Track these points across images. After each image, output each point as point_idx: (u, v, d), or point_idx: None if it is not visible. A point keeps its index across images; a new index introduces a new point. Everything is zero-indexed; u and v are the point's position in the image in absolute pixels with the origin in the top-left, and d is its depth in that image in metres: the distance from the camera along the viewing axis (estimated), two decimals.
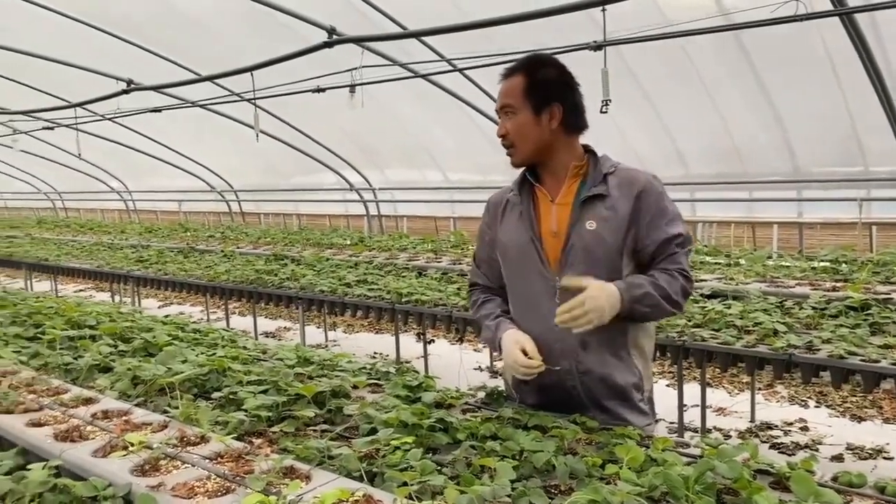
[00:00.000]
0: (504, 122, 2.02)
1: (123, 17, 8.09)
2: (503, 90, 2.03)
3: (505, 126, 2.02)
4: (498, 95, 2.06)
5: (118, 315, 3.64)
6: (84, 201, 18.59)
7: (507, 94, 2.01)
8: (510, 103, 2.00)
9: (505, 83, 2.03)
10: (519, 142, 2.02)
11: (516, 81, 2.01)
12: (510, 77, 2.03)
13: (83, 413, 2.07)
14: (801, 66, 6.14)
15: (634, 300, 1.91)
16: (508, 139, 2.03)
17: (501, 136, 2.04)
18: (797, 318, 3.67)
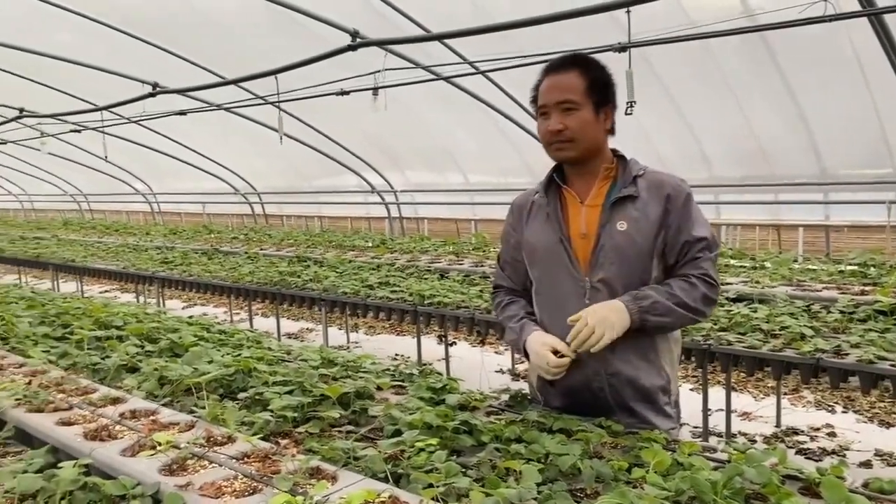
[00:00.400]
0: (561, 118, 1.97)
1: (149, 21, 8.18)
2: (558, 85, 1.98)
3: (563, 121, 1.97)
4: (547, 89, 2.00)
5: (144, 316, 3.68)
6: (109, 203, 18.84)
7: (567, 89, 1.97)
8: (572, 99, 1.96)
9: (557, 78, 1.99)
10: (579, 138, 1.98)
11: (573, 78, 1.97)
12: (562, 73, 1.99)
13: (111, 412, 2.09)
14: (828, 66, 6.07)
15: (644, 310, 1.90)
16: (566, 134, 1.97)
17: (557, 131, 1.98)
18: (824, 323, 3.63)
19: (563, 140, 1.99)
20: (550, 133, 1.99)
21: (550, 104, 1.99)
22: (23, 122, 11.13)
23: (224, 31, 8.22)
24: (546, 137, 2.02)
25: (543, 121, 2.02)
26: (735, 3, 5.44)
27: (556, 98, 1.98)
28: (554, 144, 2.01)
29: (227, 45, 8.53)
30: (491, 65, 6.55)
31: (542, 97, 2.02)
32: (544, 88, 2.01)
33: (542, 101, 2.01)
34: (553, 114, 1.98)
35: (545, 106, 2.00)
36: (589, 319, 1.87)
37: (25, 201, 21.84)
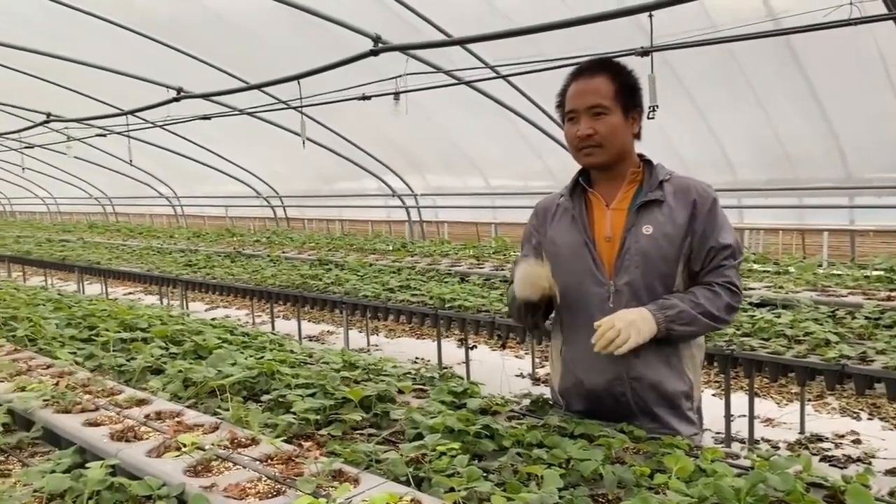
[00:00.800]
0: (591, 122, 1.96)
1: (174, 27, 8.28)
2: (587, 89, 1.98)
3: (593, 126, 1.96)
4: (576, 94, 1.99)
5: (169, 318, 3.72)
6: (134, 206, 19.05)
7: (596, 93, 1.97)
8: (602, 103, 1.96)
9: (586, 83, 1.99)
10: (608, 143, 1.98)
11: (602, 83, 1.97)
12: (591, 77, 1.99)
13: (137, 414, 2.12)
14: (853, 69, 6.00)
15: (670, 319, 1.90)
16: (596, 139, 1.97)
17: (587, 136, 1.97)
18: (850, 328, 3.59)
19: (593, 145, 1.98)
20: (580, 138, 1.99)
21: (580, 109, 1.98)
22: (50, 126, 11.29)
23: (248, 36, 8.30)
24: (575, 142, 2.01)
25: (572, 125, 2.01)
26: (759, 5, 5.40)
27: (586, 103, 1.97)
28: (583, 149, 2.00)
29: (250, 49, 8.61)
30: (512, 69, 6.55)
31: (570, 102, 2.01)
32: (573, 93, 2.01)
33: (571, 105, 2.00)
34: (582, 118, 1.98)
35: (574, 111, 2.00)
36: (616, 322, 1.86)
37: (52, 204, 22.15)
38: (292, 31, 7.68)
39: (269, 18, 7.60)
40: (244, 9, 7.71)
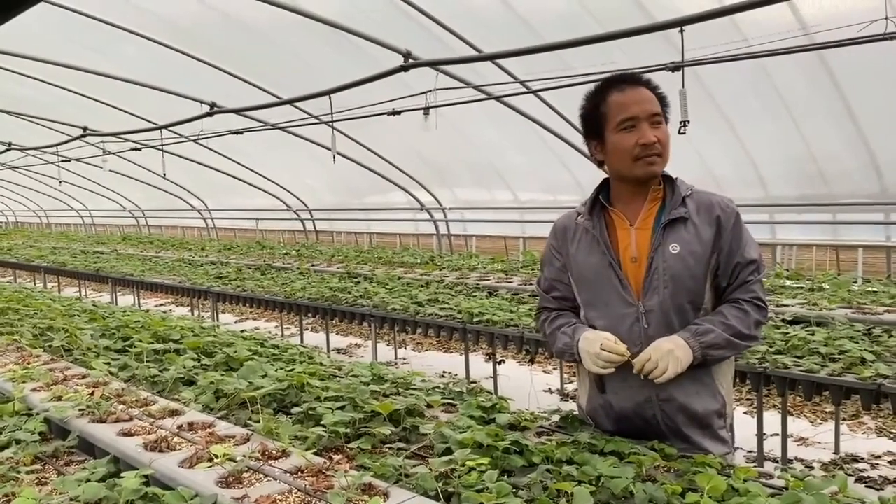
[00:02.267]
0: (653, 131, 1.93)
1: (207, 42, 8.42)
2: (644, 97, 1.95)
3: (656, 134, 1.94)
4: (633, 101, 1.95)
5: (201, 330, 3.77)
6: (166, 219, 19.33)
7: (652, 102, 1.95)
8: (660, 112, 1.96)
9: (638, 92, 1.96)
10: (665, 152, 1.97)
11: (649, 94, 1.97)
12: (639, 87, 1.97)
13: (170, 424, 2.15)
14: (888, 84, 5.92)
15: (705, 346, 1.89)
16: (657, 147, 1.94)
17: (652, 143, 1.93)
18: (886, 347, 3.52)
19: (656, 154, 1.95)
20: (643, 146, 1.93)
21: (642, 116, 1.94)
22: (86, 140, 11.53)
23: (280, 51, 8.42)
24: (635, 151, 1.94)
25: (629, 134, 1.95)
26: (791, 20, 5.36)
27: (648, 110, 1.94)
28: (645, 158, 1.94)
29: (282, 65, 8.73)
30: (540, 84, 6.56)
31: (626, 109, 1.95)
32: (626, 101, 1.96)
33: (630, 113, 1.94)
34: (644, 126, 1.94)
35: (633, 118, 1.94)
36: (653, 354, 1.86)
37: (86, 217, 22.57)
38: (324, 46, 7.77)
39: (301, 34, 7.70)
40: (277, 25, 7.82)
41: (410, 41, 6.18)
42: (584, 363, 1.98)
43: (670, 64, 4.70)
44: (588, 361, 1.95)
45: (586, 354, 1.94)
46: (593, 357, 1.92)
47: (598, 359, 1.91)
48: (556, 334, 2.12)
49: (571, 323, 2.10)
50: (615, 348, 1.90)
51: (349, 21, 6.65)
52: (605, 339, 1.91)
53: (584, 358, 1.97)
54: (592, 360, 1.93)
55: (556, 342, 2.11)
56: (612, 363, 1.90)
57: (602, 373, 1.93)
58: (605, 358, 1.90)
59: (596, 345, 1.92)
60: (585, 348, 1.95)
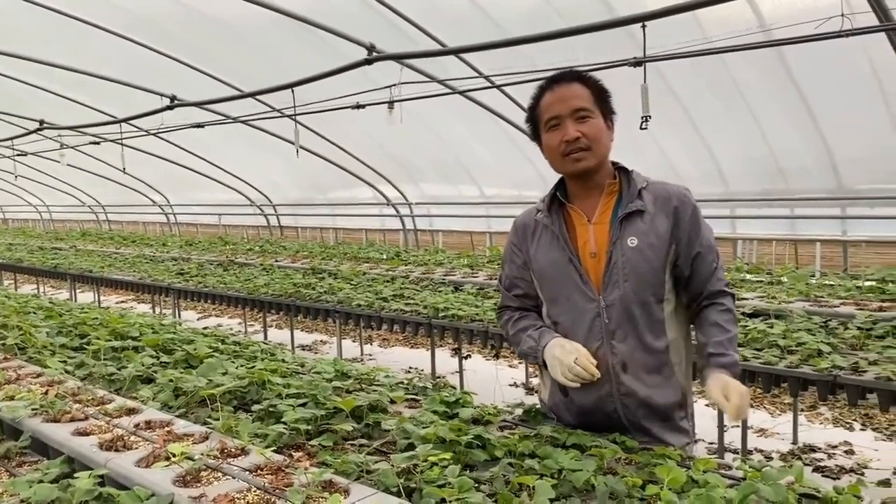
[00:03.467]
0: (577, 126, 1.95)
1: (168, 35, 8.28)
2: (568, 95, 1.97)
3: (580, 129, 1.95)
4: (556, 100, 1.98)
5: (160, 327, 3.70)
6: (126, 214, 19.01)
7: (578, 98, 1.96)
8: (586, 106, 1.96)
9: (564, 89, 1.98)
10: (596, 145, 1.97)
11: (580, 89, 1.97)
12: (567, 84, 1.98)
13: (127, 423, 2.11)
14: (845, 81, 6.04)
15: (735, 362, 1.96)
16: (584, 142, 1.95)
17: (575, 139, 1.95)
18: (842, 339, 3.59)
19: (582, 148, 1.95)
20: (567, 142, 1.96)
21: (564, 114, 1.96)
22: (43, 133, 11.27)
23: (242, 43, 8.30)
24: (561, 148, 1.97)
25: (555, 132, 1.98)
26: (751, 17, 5.43)
27: (571, 107, 1.96)
28: (571, 154, 1.96)
29: (244, 57, 8.62)
30: (506, 79, 6.57)
31: (551, 109, 1.99)
32: (551, 101, 1.99)
33: (553, 112, 1.98)
34: (567, 123, 1.96)
35: (557, 117, 1.97)
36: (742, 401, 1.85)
37: (44, 212, 22.09)
38: (287, 39, 7.69)
39: (263, 27, 7.61)
40: (239, 17, 7.71)
41: (375, 35, 6.15)
42: (552, 370, 1.97)
43: (632, 59, 4.73)
44: (557, 370, 1.94)
45: (558, 363, 1.93)
46: (565, 368, 1.91)
47: (569, 371, 1.91)
48: (521, 336, 2.12)
49: (537, 326, 2.10)
50: (589, 368, 1.90)
51: (313, 14, 6.59)
52: (581, 356, 1.91)
53: (552, 365, 1.96)
54: (563, 371, 1.92)
55: (521, 344, 2.11)
56: (580, 379, 1.91)
57: (568, 385, 1.93)
58: (576, 373, 1.90)
59: (571, 357, 1.91)
60: (559, 357, 1.93)
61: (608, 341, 1.96)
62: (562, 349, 1.94)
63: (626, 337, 1.96)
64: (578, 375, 1.90)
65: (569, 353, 1.92)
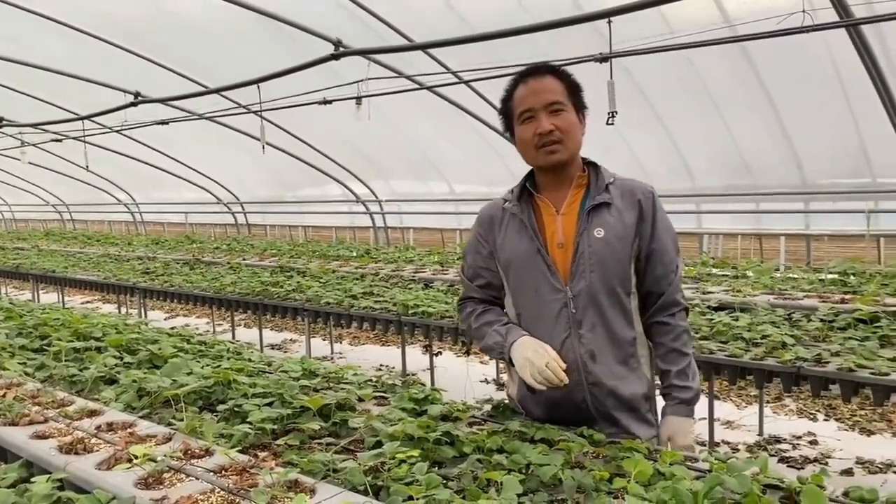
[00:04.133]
0: (550, 119, 1.95)
1: (131, 30, 8.14)
2: (541, 88, 1.97)
3: (553, 122, 1.95)
4: (530, 93, 1.98)
5: (124, 327, 3.64)
6: (91, 213, 18.68)
7: (551, 91, 1.96)
8: (559, 100, 1.96)
9: (538, 82, 1.98)
10: (569, 138, 1.97)
11: (553, 82, 1.98)
12: (540, 78, 1.99)
13: (88, 425, 2.06)
14: (808, 77, 6.14)
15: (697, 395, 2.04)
16: (557, 135, 1.95)
17: (549, 131, 1.95)
18: (805, 331, 3.65)
19: (554, 141, 1.96)
20: (540, 135, 1.96)
21: (538, 107, 1.96)
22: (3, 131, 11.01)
23: (207, 39, 8.20)
24: (534, 141, 1.97)
25: (528, 125, 1.99)
26: (716, 13, 5.50)
27: (544, 100, 1.96)
28: (544, 147, 1.97)
29: (209, 53, 8.51)
30: (473, 75, 6.57)
31: (524, 102, 1.99)
32: (525, 93, 1.99)
33: (527, 105, 1.98)
34: (541, 116, 1.96)
35: (530, 110, 1.97)
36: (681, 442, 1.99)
37: (6, 212, 21.62)
38: (253, 35, 7.61)
39: (229, 22, 7.52)
40: (203, 12, 7.62)
41: (343, 31, 6.11)
42: (521, 370, 1.96)
43: (598, 55, 4.76)
44: (527, 371, 1.93)
45: (528, 363, 1.92)
46: (535, 371, 1.90)
47: (539, 375, 1.90)
48: (486, 330, 2.11)
49: (503, 321, 2.09)
50: (559, 373, 1.89)
51: (280, 10, 6.52)
52: (553, 359, 1.91)
53: (522, 366, 1.94)
54: (531, 373, 1.91)
55: (485, 339, 2.10)
56: (549, 383, 1.90)
57: (535, 386, 1.92)
58: (546, 376, 1.89)
59: (543, 360, 1.90)
60: (531, 358, 1.92)
61: (576, 331, 1.97)
62: (535, 352, 1.93)
63: (594, 326, 1.97)
64: (548, 379, 1.90)
65: (541, 356, 1.92)
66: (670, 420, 2.03)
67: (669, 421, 2.03)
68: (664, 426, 2.04)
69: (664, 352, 2.05)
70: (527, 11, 6.06)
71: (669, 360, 2.04)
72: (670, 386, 2.04)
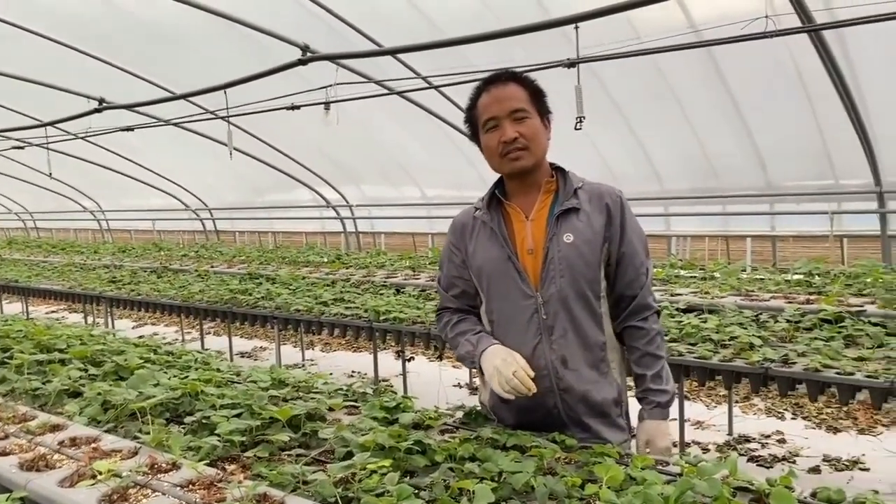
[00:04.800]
0: (514, 126, 1.96)
1: (95, 35, 8.01)
2: (505, 96, 1.98)
3: (517, 129, 1.96)
4: (493, 101, 1.99)
5: (89, 338, 3.57)
6: (56, 221, 18.34)
7: (514, 99, 1.97)
8: (523, 107, 1.97)
9: (501, 90, 1.99)
10: (534, 145, 1.98)
11: (516, 90, 1.99)
12: (504, 85, 1.99)
13: (50, 441, 2.02)
14: (772, 82, 6.23)
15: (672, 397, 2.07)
16: (522, 142, 1.97)
17: (513, 139, 1.96)
18: (772, 332, 3.70)
19: (519, 148, 1.97)
20: (505, 143, 1.97)
21: (502, 115, 1.97)
22: None
23: (173, 45, 8.09)
24: (500, 148, 1.99)
25: (493, 133, 2.00)
26: (681, 18, 5.56)
27: (508, 108, 1.97)
28: (510, 154, 1.98)
29: (176, 59, 8.40)
30: (443, 80, 6.56)
31: (488, 110, 2.00)
32: (489, 102, 2.00)
33: (491, 113, 1.99)
34: (505, 123, 1.97)
35: (494, 118, 1.99)
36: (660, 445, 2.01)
37: None
38: (220, 40, 7.53)
39: (194, 27, 7.43)
40: (169, 17, 7.51)
41: (309, 35, 6.06)
42: (489, 380, 1.97)
43: (566, 60, 4.78)
44: (495, 381, 1.93)
45: (496, 372, 1.93)
46: (503, 380, 1.91)
47: (507, 384, 1.90)
48: (459, 340, 2.12)
49: (476, 331, 2.10)
50: (527, 382, 1.89)
51: (246, 15, 6.45)
52: (521, 368, 1.91)
53: (490, 375, 1.95)
54: (500, 382, 1.92)
55: (459, 348, 2.12)
56: (517, 392, 1.90)
57: (503, 395, 1.93)
58: (514, 385, 1.89)
59: (510, 369, 1.91)
60: (499, 367, 1.92)
61: (547, 337, 1.98)
62: (503, 361, 1.93)
63: (565, 332, 1.98)
64: (515, 388, 1.90)
65: (508, 365, 1.92)
66: (648, 424, 2.03)
67: (647, 425, 2.03)
68: (642, 430, 2.04)
69: (638, 356, 2.06)
70: (496, 16, 6.07)
71: (644, 363, 2.05)
72: (646, 390, 2.04)
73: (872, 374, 2.98)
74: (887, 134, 5.98)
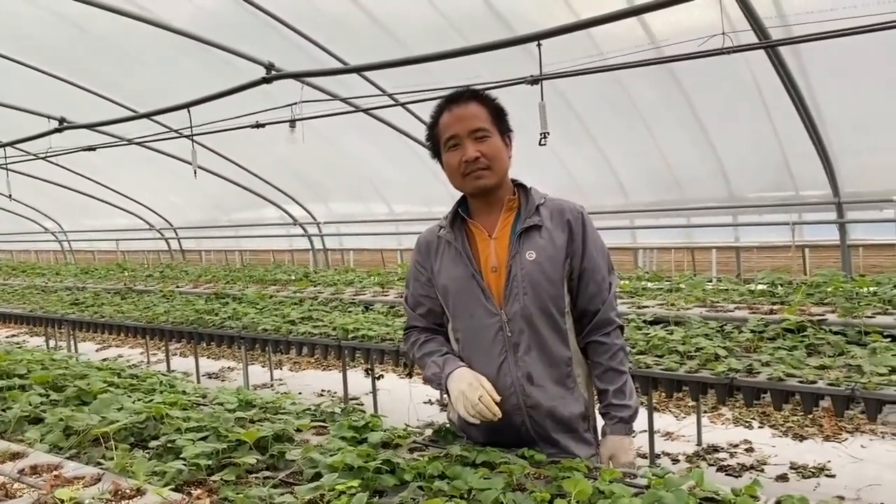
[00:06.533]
0: (475, 146, 1.97)
1: (55, 54, 7.91)
2: (466, 115, 1.99)
3: (478, 149, 1.97)
4: (455, 120, 1.99)
5: (51, 362, 3.49)
6: (16, 243, 17.97)
7: (475, 118, 1.98)
8: (483, 126, 1.98)
9: (463, 109, 2.00)
10: (495, 164, 1.99)
11: (477, 108, 2.00)
12: (464, 104, 2.00)
13: (10, 469, 1.97)
14: (732, 96, 6.36)
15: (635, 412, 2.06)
16: (483, 161, 1.98)
17: (475, 159, 1.97)
18: (737, 342, 3.75)
19: (481, 168, 1.98)
20: (467, 162, 1.98)
21: (463, 134, 1.98)
22: None
23: (135, 63, 8.01)
24: (462, 168, 2.00)
25: (455, 152, 2.01)
26: (641, 34, 5.65)
27: (469, 127, 1.98)
28: (472, 173, 1.99)
29: (139, 77, 8.32)
30: (409, 96, 6.59)
31: (449, 129, 2.01)
32: (450, 121, 2.01)
33: (452, 132, 2.00)
34: (466, 143, 1.98)
35: (455, 136, 2.00)
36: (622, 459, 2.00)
37: None
38: (183, 58, 7.48)
39: (158, 46, 7.37)
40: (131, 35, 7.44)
41: (273, 53, 6.05)
42: (455, 403, 1.97)
43: (529, 77, 4.83)
44: (460, 404, 1.94)
45: (462, 396, 1.93)
46: (469, 404, 1.91)
47: (472, 408, 1.91)
48: (426, 361, 2.12)
49: (442, 352, 2.10)
50: (492, 407, 1.90)
51: (209, 33, 6.41)
52: (487, 393, 1.92)
53: (456, 398, 1.96)
54: (465, 406, 1.92)
55: (426, 370, 2.12)
56: (482, 417, 1.91)
57: (468, 420, 1.93)
58: (479, 410, 1.90)
59: (476, 394, 1.91)
60: (465, 391, 1.93)
61: (512, 354, 1.99)
62: (468, 385, 1.94)
63: (530, 349, 1.99)
64: (481, 413, 1.90)
65: (475, 390, 1.92)
66: (610, 440, 2.04)
67: (609, 440, 2.04)
68: (604, 445, 2.05)
69: (601, 371, 2.07)
70: (460, 33, 6.12)
71: (606, 379, 2.06)
72: (608, 405, 2.05)
73: (834, 381, 3.04)
74: (844, 146, 6.13)
